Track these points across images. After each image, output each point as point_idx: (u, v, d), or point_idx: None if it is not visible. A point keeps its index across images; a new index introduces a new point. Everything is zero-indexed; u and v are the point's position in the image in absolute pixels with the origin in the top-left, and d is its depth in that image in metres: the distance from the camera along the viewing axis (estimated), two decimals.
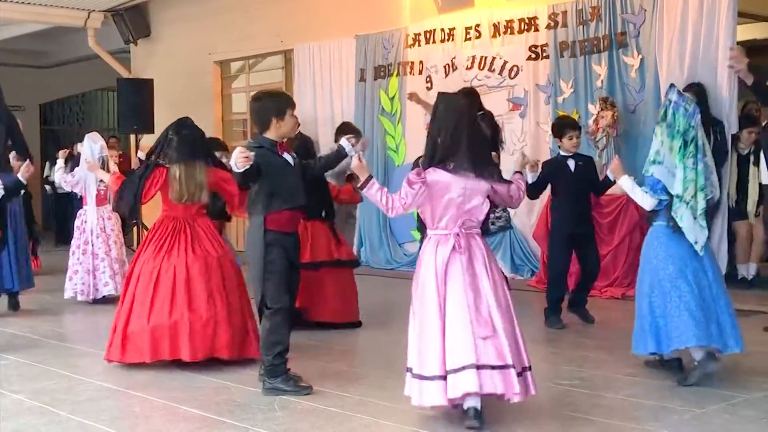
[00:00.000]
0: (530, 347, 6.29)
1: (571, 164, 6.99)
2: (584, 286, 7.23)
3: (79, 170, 8.88)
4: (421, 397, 4.41)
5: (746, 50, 7.05)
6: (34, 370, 5.94)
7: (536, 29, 9.90)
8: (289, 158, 5.27)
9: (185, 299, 5.76)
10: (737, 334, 5.24)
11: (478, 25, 10.43)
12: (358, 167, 4.68)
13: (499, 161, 5.07)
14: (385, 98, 11.41)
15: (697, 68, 8.43)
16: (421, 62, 11.04)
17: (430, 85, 10.77)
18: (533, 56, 9.92)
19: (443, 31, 10.79)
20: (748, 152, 8.66)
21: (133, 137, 13.87)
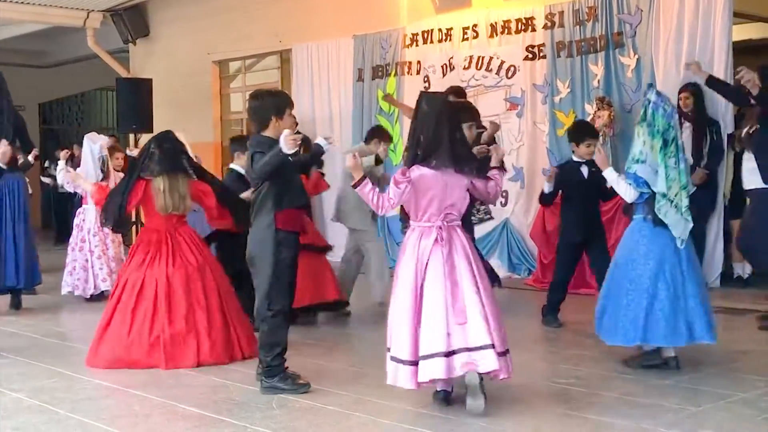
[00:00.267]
0: (527, 346, 6.35)
1: (584, 170, 6.85)
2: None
3: (80, 171, 8.92)
4: (396, 378, 4.62)
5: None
6: (33, 368, 5.95)
7: (533, 29, 9.93)
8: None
9: (166, 312, 5.92)
10: (709, 324, 5.42)
11: (475, 25, 10.46)
12: (352, 167, 4.77)
13: (498, 154, 5.18)
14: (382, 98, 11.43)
15: None
16: (418, 62, 11.07)
17: (427, 84, 10.78)
18: (530, 56, 9.95)
19: (441, 31, 10.81)
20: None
21: (132, 137, 13.90)
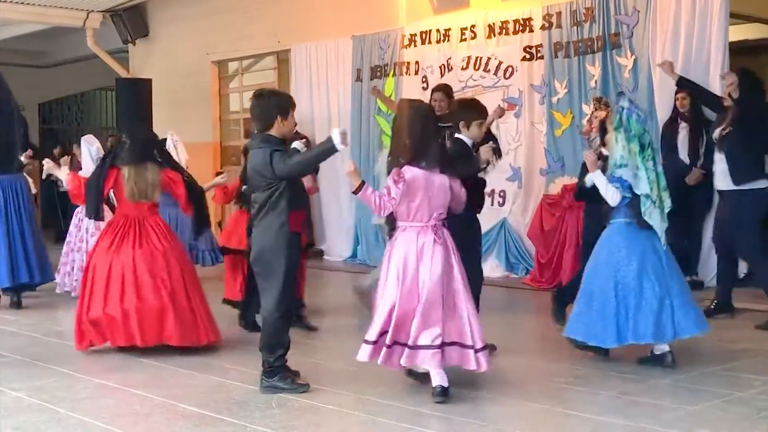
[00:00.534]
0: (526, 345, 6.38)
1: None
2: None
3: (83, 172, 8.93)
4: (358, 353, 4.95)
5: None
6: (33, 368, 5.94)
7: (531, 30, 9.94)
8: None
9: (134, 289, 6.16)
10: (695, 317, 5.56)
11: (473, 25, 10.47)
12: (351, 173, 4.85)
13: (497, 154, 5.32)
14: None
15: (689, 69, 8.46)
16: (416, 62, 11.08)
17: (425, 85, 10.79)
18: (528, 57, 9.97)
19: (439, 31, 10.82)
20: None
21: None
